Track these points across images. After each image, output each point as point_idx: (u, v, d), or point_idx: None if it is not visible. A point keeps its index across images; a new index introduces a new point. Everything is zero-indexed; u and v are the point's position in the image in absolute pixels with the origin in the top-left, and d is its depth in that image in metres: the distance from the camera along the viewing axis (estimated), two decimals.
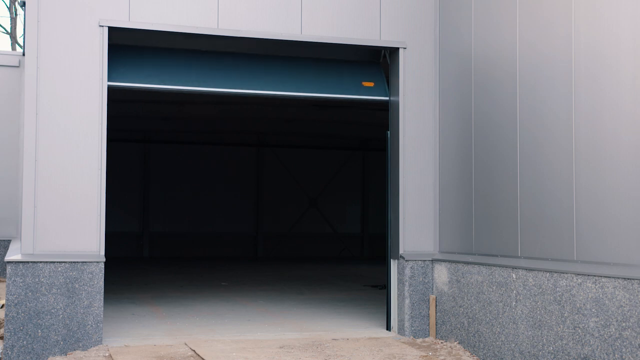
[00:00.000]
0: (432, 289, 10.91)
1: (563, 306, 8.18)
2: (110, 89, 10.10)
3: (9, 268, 9.42)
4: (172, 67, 10.66)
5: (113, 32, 10.14)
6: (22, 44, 30.51)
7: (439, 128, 11.09)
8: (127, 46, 10.51)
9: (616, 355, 7.44)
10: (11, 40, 36.51)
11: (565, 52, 8.41)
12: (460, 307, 10.19)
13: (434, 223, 11.06)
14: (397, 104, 11.10)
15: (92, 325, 9.68)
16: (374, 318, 12.28)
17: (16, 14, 36.23)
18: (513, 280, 9.07)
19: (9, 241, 17.86)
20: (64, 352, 9.55)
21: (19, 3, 28.82)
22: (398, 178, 11.04)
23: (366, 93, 11.36)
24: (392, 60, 11.31)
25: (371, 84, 11.30)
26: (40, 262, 9.53)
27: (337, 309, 13.47)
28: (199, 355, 9.25)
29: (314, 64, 11.31)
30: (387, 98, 11.32)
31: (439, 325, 10.69)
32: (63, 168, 9.78)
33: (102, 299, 9.80)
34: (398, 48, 11.10)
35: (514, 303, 9.03)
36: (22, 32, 23.12)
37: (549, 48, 8.71)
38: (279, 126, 26.48)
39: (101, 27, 9.98)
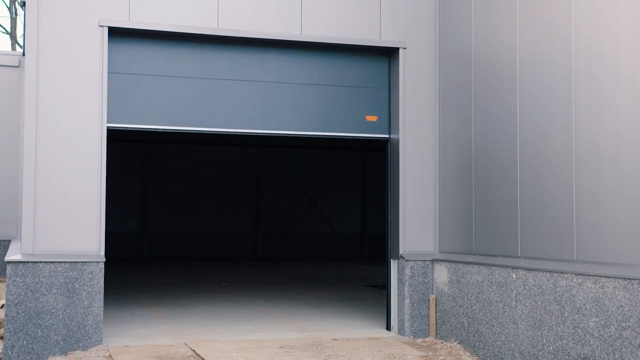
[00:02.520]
0: (432, 289, 10.91)
1: (563, 306, 8.18)
2: (110, 129, 10.11)
3: (9, 268, 9.42)
4: (171, 105, 10.43)
5: (113, 33, 10.15)
6: (22, 44, 30.50)
7: (439, 128, 11.09)
8: (126, 74, 10.34)
9: (616, 355, 7.44)
10: (11, 40, 36.52)
11: (565, 52, 8.41)
12: (460, 307, 10.19)
13: (434, 223, 11.06)
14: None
15: (92, 325, 9.68)
16: (374, 318, 12.28)
17: (16, 14, 36.24)
18: (513, 280, 9.07)
19: (9, 241, 17.86)
20: (64, 352, 9.55)
21: (19, 3, 28.83)
22: (398, 178, 11.04)
23: (368, 130, 11.23)
24: (392, 61, 11.31)
25: (374, 118, 11.20)
26: (40, 262, 9.53)
27: (337, 309, 13.46)
28: (199, 355, 9.25)
29: (318, 90, 11.02)
30: (387, 136, 11.27)
31: (439, 325, 10.69)
32: (63, 168, 9.78)
33: (102, 299, 9.79)
34: (398, 48, 11.10)
35: (514, 303, 9.03)
36: (22, 32, 23.12)
37: (549, 48, 8.71)
38: None
39: (101, 27, 9.98)
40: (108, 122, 10.03)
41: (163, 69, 10.47)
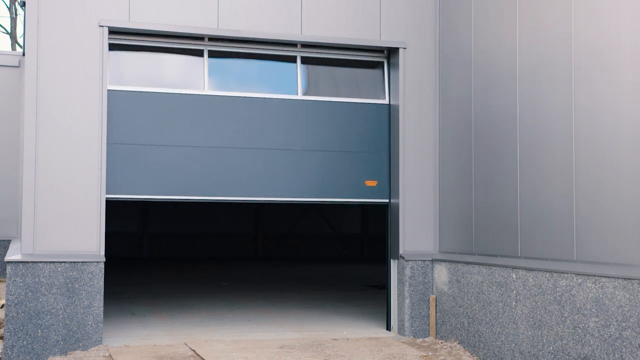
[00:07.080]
0: (432, 289, 10.91)
1: (563, 306, 8.18)
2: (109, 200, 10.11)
3: (9, 268, 9.42)
4: (168, 174, 10.34)
5: (113, 37, 10.16)
6: (22, 44, 30.49)
7: (439, 128, 11.09)
8: (126, 145, 10.26)
9: (616, 355, 7.44)
10: (11, 40, 36.51)
11: (565, 53, 8.41)
12: (460, 307, 10.19)
13: (434, 223, 11.06)
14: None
15: (92, 325, 9.68)
16: (374, 318, 12.28)
17: (16, 14, 36.22)
18: (513, 280, 9.07)
19: (9, 241, 17.86)
20: (64, 352, 9.55)
21: (19, 3, 28.81)
22: (398, 178, 11.05)
23: (368, 195, 11.21)
24: (391, 61, 11.31)
25: (374, 183, 11.17)
26: (40, 262, 9.53)
27: (337, 309, 13.47)
28: (199, 355, 9.25)
29: (317, 156, 10.91)
30: (387, 200, 11.23)
31: (439, 325, 10.69)
32: (63, 168, 9.77)
33: (102, 298, 9.79)
34: (398, 48, 11.10)
35: (514, 303, 9.03)
36: (22, 32, 23.11)
37: (549, 48, 8.71)
38: None
39: (101, 27, 9.98)
40: (107, 194, 10.01)
41: (162, 139, 10.37)
